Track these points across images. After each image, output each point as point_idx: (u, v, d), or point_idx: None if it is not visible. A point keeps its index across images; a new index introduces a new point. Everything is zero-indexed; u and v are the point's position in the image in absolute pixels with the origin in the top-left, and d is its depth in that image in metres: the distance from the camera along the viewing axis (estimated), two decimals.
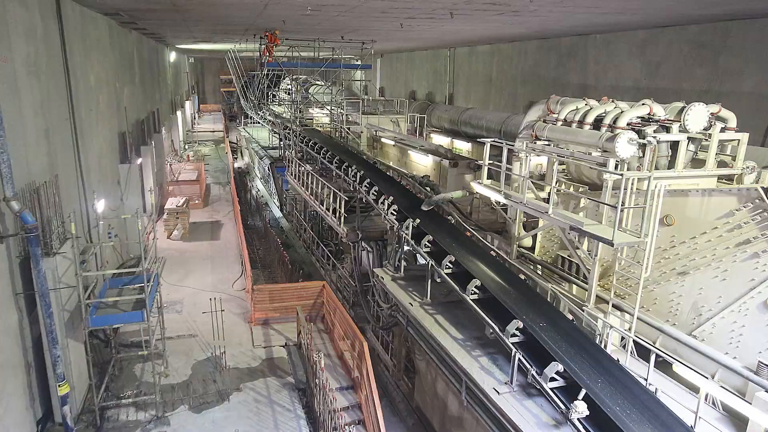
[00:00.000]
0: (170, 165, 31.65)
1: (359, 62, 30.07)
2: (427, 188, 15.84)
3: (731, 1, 13.23)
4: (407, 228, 12.42)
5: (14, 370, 9.56)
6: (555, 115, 10.70)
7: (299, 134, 24.77)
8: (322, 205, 17.99)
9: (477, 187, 12.04)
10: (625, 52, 21.37)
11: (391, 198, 14.05)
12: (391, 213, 13.63)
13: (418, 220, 12.56)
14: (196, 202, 27.76)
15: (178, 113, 42.67)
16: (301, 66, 29.47)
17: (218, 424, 11.12)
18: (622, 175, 8.32)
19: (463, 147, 26.80)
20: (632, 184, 8.73)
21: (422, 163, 22.39)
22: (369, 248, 15.67)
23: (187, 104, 53.09)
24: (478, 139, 21.43)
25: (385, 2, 14.35)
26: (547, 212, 9.61)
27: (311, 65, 30.00)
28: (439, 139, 28.51)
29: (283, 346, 14.27)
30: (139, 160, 21.30)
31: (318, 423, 11.17)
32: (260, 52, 25.95)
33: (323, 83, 36.75)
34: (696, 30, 18.19)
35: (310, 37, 25.25)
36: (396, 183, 16.33)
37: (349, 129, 26.80)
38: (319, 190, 18.55)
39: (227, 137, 46.59)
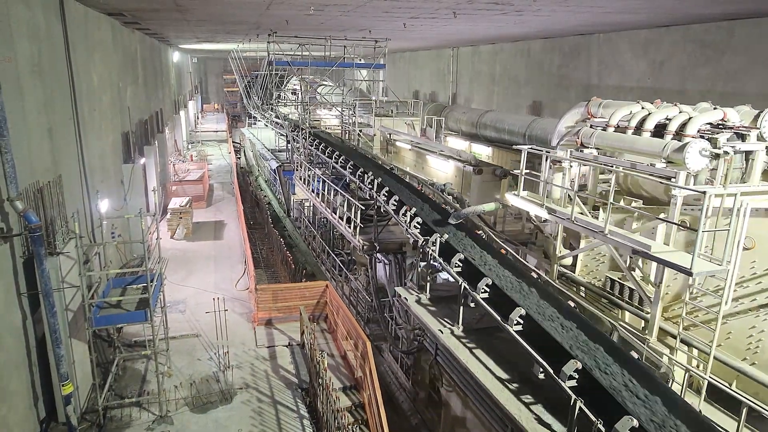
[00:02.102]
0: (173, 165, 31.69)
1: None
2: (450, 197, 14.88)
3: (735, 0, 13.18)
4: (434, 244, 11.04)
5: (18, 370, 9.58)
6: (603, 120, 9.50)
7: (309, 137, 23.88)
8: (335, 214, 16.96)
9: (513, 200, 10.86)
10: (628, 52, 21.30)
11: (414, 209, 12.82)
12: (414, 226, 12.34)
13: (446, 236, 11.14)
14: (200, 201, 27.79)
15: (182, 113, 42.71)
16: (311, 65, 27.79)
17: (221, 424, 11.12)
18: (704, 192, 7.03)
19: (482, 152, 25.07)
20: (711, 201, 7.28)
21: (442, 170, 20.72)
22: (386, 260, 14.63)
23: (191, 104, 53.17)
24: (515, 146, 20.33)
25: (388, 2, 14.34)
26: (602, 232, 8.43)
27: (322, 64, 28.59)
28: (456, 143, 26.81)
29: (287, 346, 14.27)
30: (143, 160, 21.34)
31: (321, 423, 11.16)
32: (267, 51, 25.41)
33: (331, 84, 35.54)
34: (700, 29, 18.12)
35: (320, 35, 24.31)
36: (417, 192, 14.91)
37: (360, 132, 25.79)
38: (332, 197, 17.49)
39: (230, 137, 46.65)
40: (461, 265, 10.29)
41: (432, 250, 10.91)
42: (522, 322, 8.21)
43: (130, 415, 11.30)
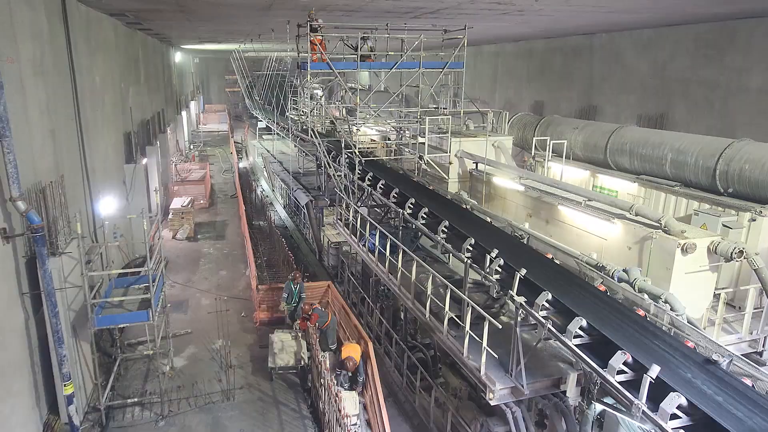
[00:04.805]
0: (175, 165, 31.70)
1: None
2: (648, 300, 8.87)
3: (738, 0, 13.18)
4: None
5: (20, 370, 9.60)
6: None
7: (359, 167, 16.79)
8: (422, 306, 10.07)
9: None
10: (631, 51, 21.29)
11: (628, 355, 6.72)
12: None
13: None
14: (201, 202, 27.81)
15: (184, 113, 42.75)
16: (361, 68, 18.29)
17: (223, 424, 11.13)
18: None
19: (621, 188, 15.53)
20: None
21: (594, 232, 12.09)
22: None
23: (192, 104, 53.18)
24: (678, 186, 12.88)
25: (390, 2, 14.34)
26: None
27: (377, 65, 18.81)
28: (564, 172, 16.98)
29: None
30: (145, 160, 21.34)
31: (323, 423, 11.15)
32: (297, 51, 17.27)
33: (361, 86, 26.23)
34: (702, 29, 18.13)
35: (369, 25, 17.54)
36: (612, 303, 8.44)
37: (421, 158, 17.71)
38: (411, 272, 10.58)
39: (232, 137, 46.67)
40: None
41: None
42: None
43: (132, 415, 11.32)
